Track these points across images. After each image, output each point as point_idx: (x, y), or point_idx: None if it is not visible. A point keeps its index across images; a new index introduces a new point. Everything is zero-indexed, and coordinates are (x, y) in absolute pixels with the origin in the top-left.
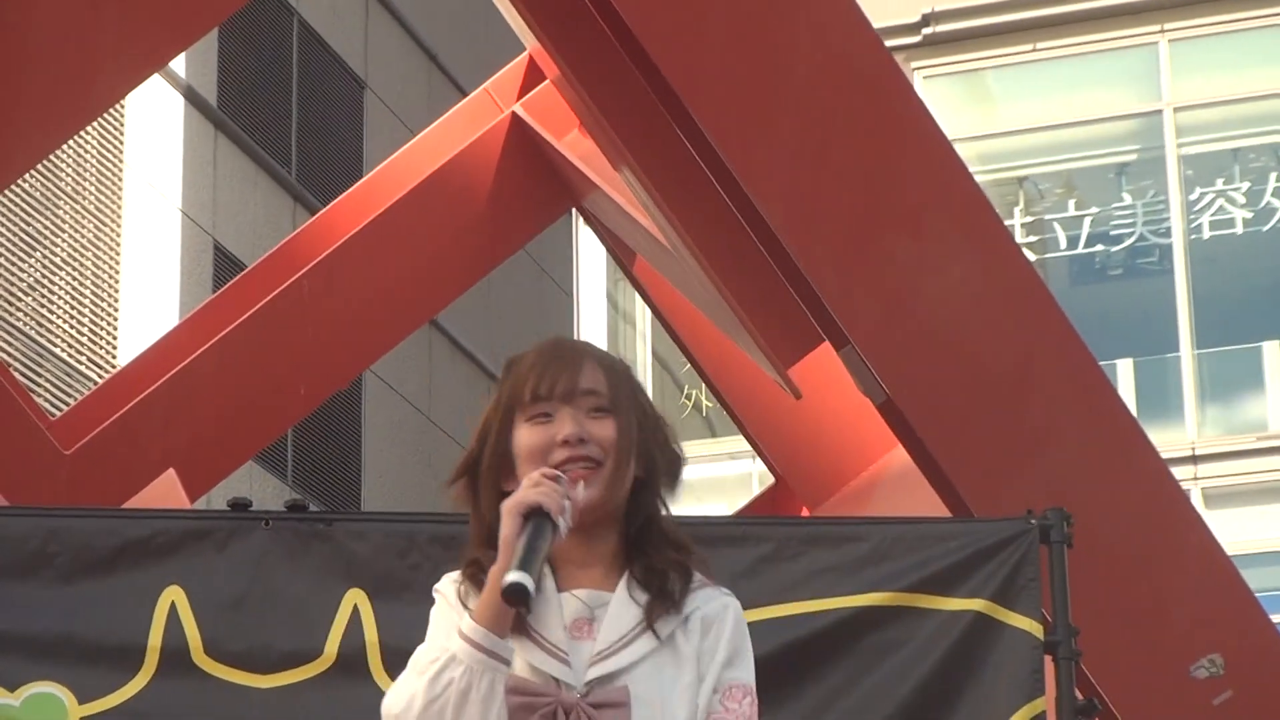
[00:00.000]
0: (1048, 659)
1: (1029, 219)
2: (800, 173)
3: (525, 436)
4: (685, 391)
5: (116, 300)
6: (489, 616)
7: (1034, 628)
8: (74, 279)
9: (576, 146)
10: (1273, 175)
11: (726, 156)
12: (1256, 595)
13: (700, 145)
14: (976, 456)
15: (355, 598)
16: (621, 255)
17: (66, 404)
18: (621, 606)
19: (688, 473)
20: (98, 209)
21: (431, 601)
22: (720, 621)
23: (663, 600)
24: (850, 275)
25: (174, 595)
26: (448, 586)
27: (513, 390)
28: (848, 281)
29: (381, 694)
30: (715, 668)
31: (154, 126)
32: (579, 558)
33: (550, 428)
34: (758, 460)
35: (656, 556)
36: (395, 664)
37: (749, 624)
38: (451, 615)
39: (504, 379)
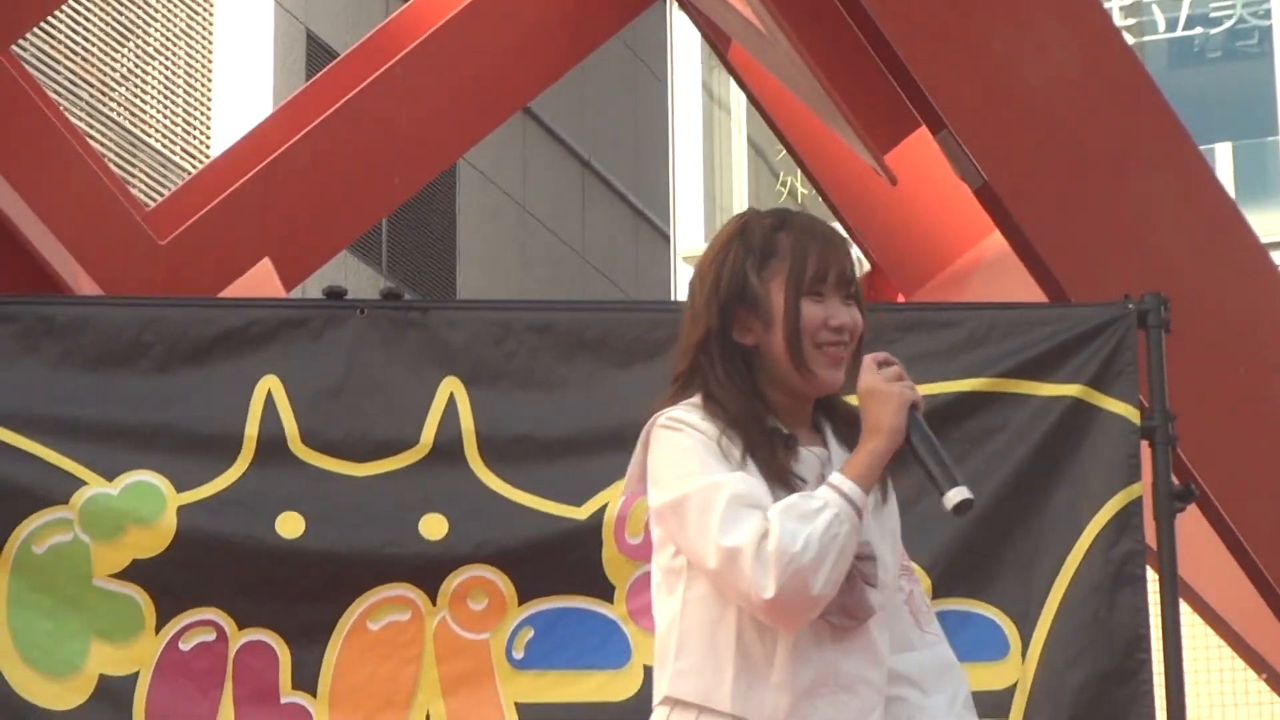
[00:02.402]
0: (1144, 444)
1: (1128, 2)
2: None
3: (806, 309)
4: (780, 179)
5: (210, 89)
6: (869, 483)
7: (1131, 413)
8: (167, 68)
9: None
10: None
11: None
12: None
13: None
14: (1073, 241)
15: (451, 386)
16: (717, 41)
17: (161, 194)
18: (840, 460)
19: None
20: None
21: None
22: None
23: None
24: (947, 59)
25: (270, 384)
26: (703, 425)
27: (795, 257)
28: (945, 65)
29: (479, 481)
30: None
31: None
32: (796, 419)
33: (823, 308)
34: (854, 247)
35: (843, 413)
36: (491, 452)
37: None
38: (714, 456)
39: (763, 237)
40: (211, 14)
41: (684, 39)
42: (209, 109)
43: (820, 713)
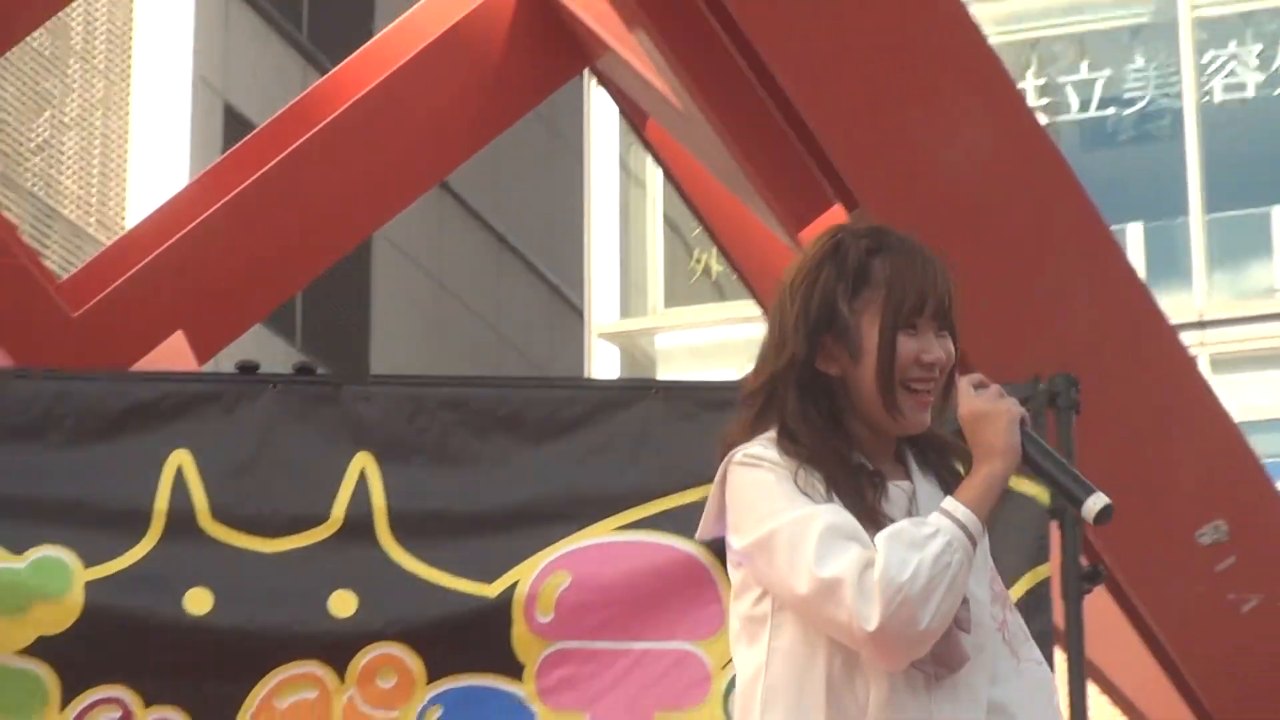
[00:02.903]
0: (1054, 525)
1: (1041, 82)
2: (815, 35)
3: (901, 344)
4: (696, 255)
5: (126, 160)
6: (985, 511)
7: (1040, 493)
8: (83, 138)
9: (590, 7)
10: None
11: (741, 18)
12: (1262, 461)
13: (715, 6)
14: (985, 321)
15: (363, 461)
16: (634, 117)
17: (74, 265)
18: (926, 494)
19: (696, 337)
20: (107, 68)
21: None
22: None
23: (960, 479)
24: (862, 138)
25: (181, 458)
26: (781, 460)
27: (891, 287)
28: (860, 144)
29: (389, 558)
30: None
31: None
32: (880, 453)
33: (916, 342)
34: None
35: (930, 442)
36: (402, 528)
37: None
38: (792, 490)
39: (857, 261)
40: (129, 84)
41: (601, 115)
42: (124, 180)
43: None
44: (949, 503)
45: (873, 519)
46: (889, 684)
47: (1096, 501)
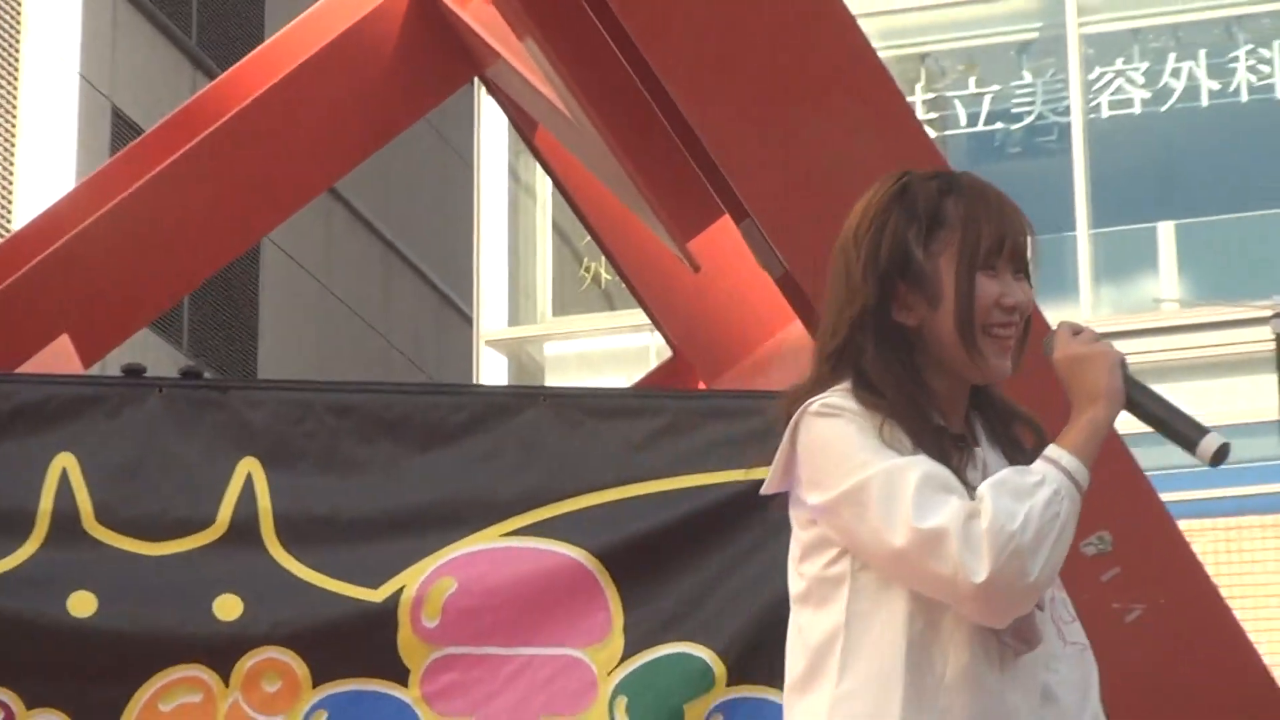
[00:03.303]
0: None
1: (930, 95)
2: (704, 44)
3: (982, 285)
4: (584, 264)
5: (12, 164)
6: (1091, 457)
7: None
8: None
9: (480, 14)
10: (1171, 56)
11: (630, 26)
12: (1145, 474)
13: (604, 14)
14: None
15: (249, 465)
16: (523, 126)
17: None
18: (992, 456)
19: (585, 345)
20: None
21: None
22: None
23: (1021, 450)
24: (751, 148)
25: (65, 461)
26: (860, 410)
27: (967, 227)
28: (749, 154)
29: (274, 562)
30: None
31: None
32: (954, 411)
33: (997, 284)
34: (656, 333)
35: (998, 406)
36: (287, 533)
37: (646, 496)
38: (877, 441)
39: (928, 203)
40: (16, 87)
41: (491, 123)
42: (11, 183)
43: None
44: (1053, 450)
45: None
46: (969, 656)
47: (1212, 442)
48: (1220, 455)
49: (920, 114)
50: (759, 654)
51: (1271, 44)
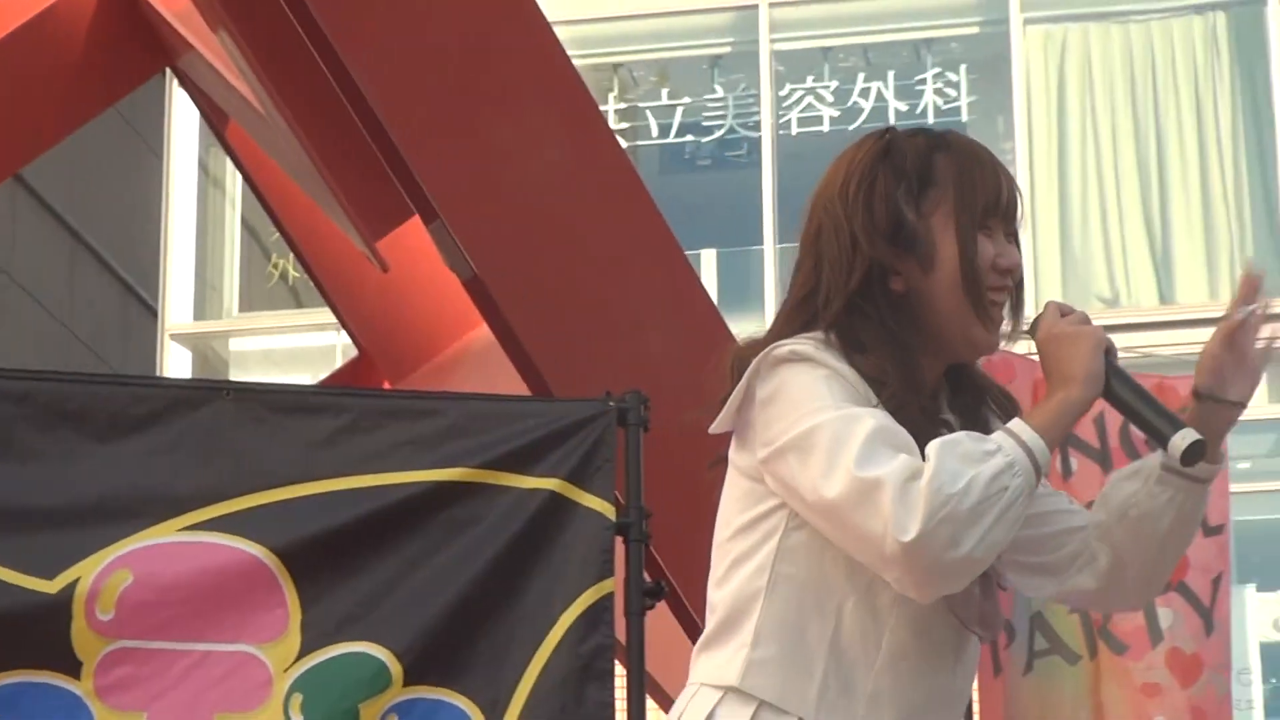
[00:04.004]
0: (619, 540)
1: (623, 105)
2: (397, 43)
3: (980, 245)
4: (273, 260)
5: None
6: (1056, 439)
7: (606, 509)
8: None
9: (173, 4)
10: (860, 75)
11: (323, 22)
12: None
13: (298, 9)
14: (559, 337)
15: None
16: (214, 119)
17: None
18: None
19: (271, 342)
20: None
21: None
22: None
23: (987, 425)
24: (442, 149)
25: None
26: (842, 368)
27: (961, 184)
28: (439, 155)
29: None
30: None
31: None
32: (933, 385)
33: (991, 245)
34: (343, 332)
35: (970, 384)
36: None
37: (327, 494)
38: (844, 390)
39: (917, 160)
40: None
41: (182, 116)
42: None
43: None
44: (1016, 424)
45: None
46: (912, 639)
47: (1185, 437)
48: (1193, 453)
49: (612, 123)
50: (437, 655)
51: (958, 68)
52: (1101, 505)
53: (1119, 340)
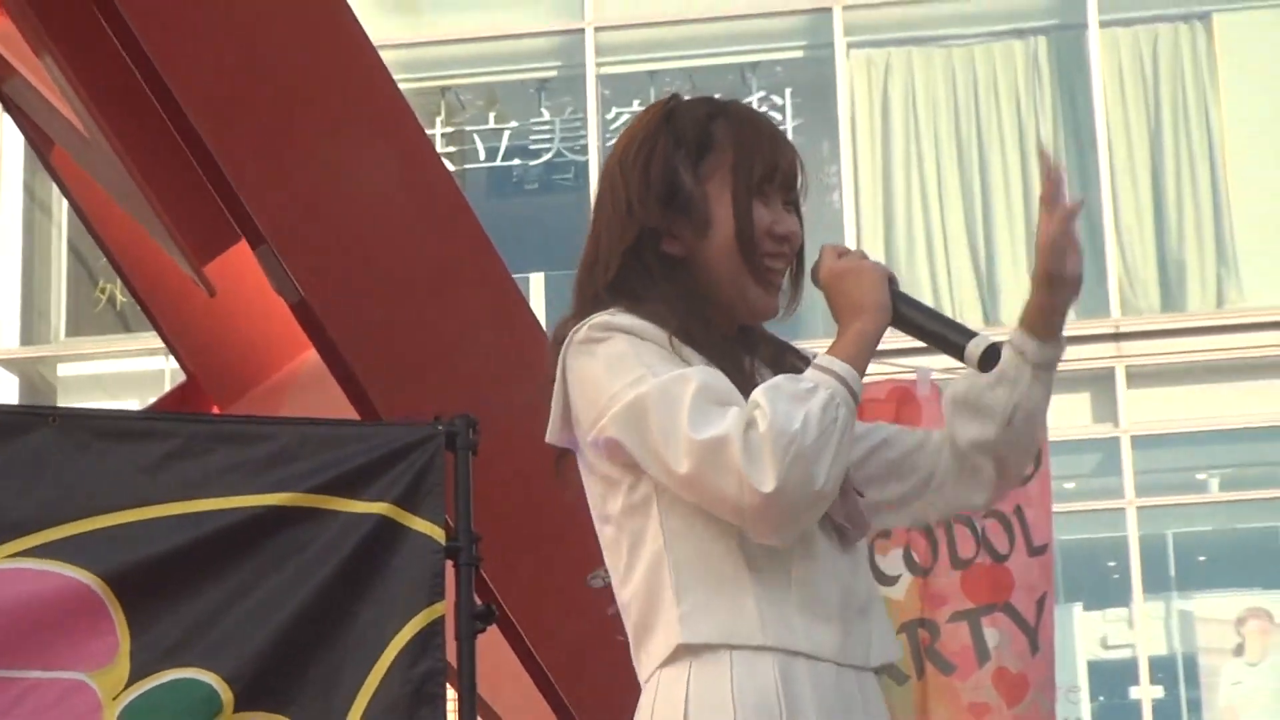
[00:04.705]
0: (449, 564)
1: (450, 129)
2: (221, 67)
3: (755, 211)
4: (100, 285)
5: None
6: (862, 366)
7: (436, 532)
8: None
9: None
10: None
11: (148, 47)
12: None
13: (123, 34)
14: (387, 361)
15: None
16: (40, 144)
17: None
18: None
19: (99, 367)
20: None
21: None
22: None
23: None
24: (267, 173)
25: None
26: (645, 327)
27: (739, 151)
28: (264, 179)
29: None
30: None
31: None
32: (729, 333)
33: (768, 212)
34: (171, 358)
35: (763, 346)
36: None
37: (156, 520)
38: (663, 358)
39: (696, 127)
40: None
41: (8, 141)
42: None
43: (855, 638)
44: (823, 359)
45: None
46: (817, 543)
47: (978, 345)
48: (989, 357)
49: (439, 147)
50: (268, 681)
51: (784, 91)
52: (974, 421)
53: (943, 362)
